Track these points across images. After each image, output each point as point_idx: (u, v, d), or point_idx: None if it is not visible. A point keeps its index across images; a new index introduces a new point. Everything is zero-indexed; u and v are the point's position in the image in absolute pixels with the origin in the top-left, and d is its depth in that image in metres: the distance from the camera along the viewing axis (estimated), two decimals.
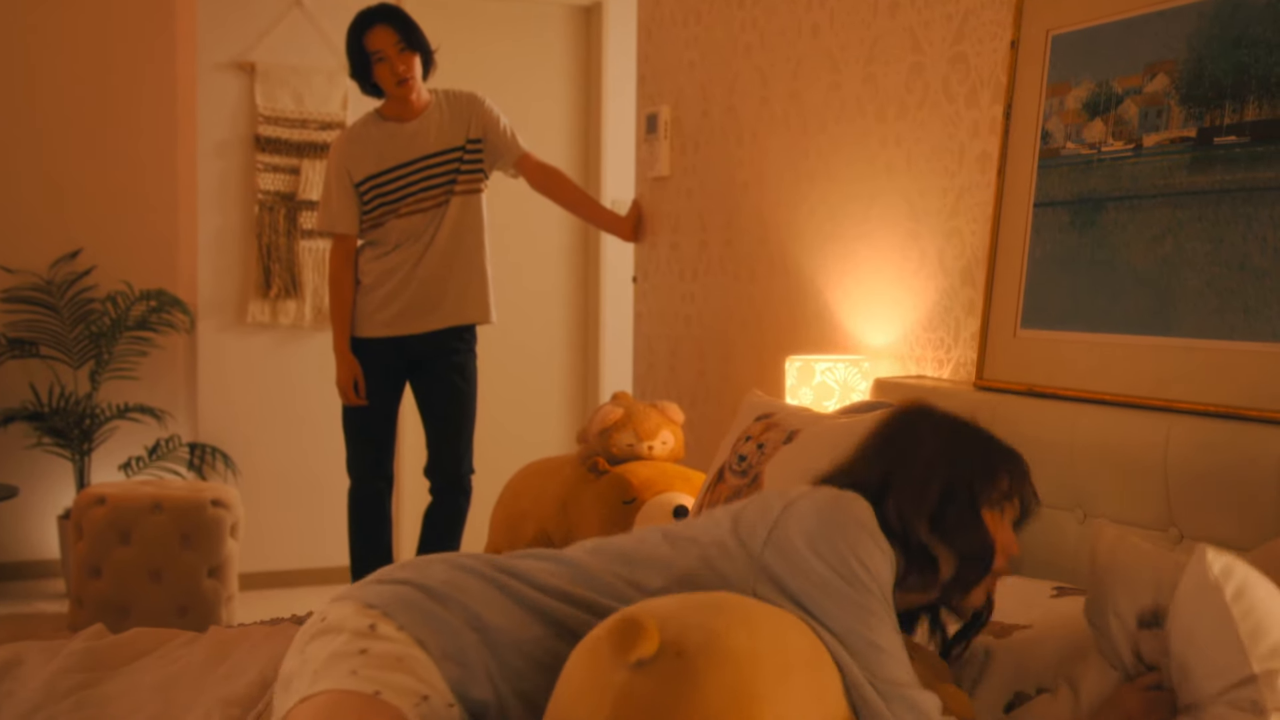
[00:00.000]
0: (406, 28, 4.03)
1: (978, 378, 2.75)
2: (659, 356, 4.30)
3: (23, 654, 2.20)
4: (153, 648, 2.22)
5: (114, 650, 2.19)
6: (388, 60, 3.99)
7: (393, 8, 4.07)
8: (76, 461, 5.35)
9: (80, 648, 2.18)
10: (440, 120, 4.11)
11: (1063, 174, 2.59)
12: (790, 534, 1.68)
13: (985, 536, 1.76)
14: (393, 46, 3.99)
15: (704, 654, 1.46)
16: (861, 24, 3.27)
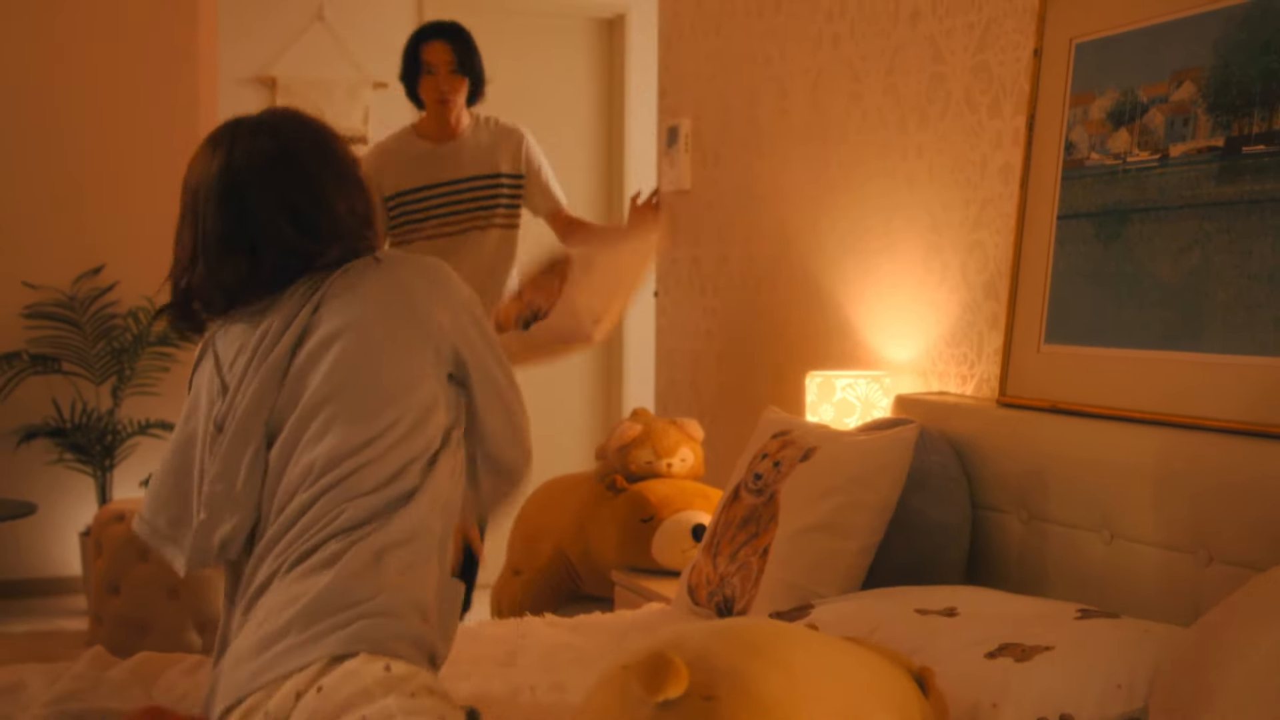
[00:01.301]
0: (465, 50, 4.05)
1: (1001, 394, 2.68)
2: (680, 372, 4.25)
3: (24, 677, 2.17)
4: (156, 674, 2.18)
5: (116, 676, 2.15)
6: (436, 75, 4.00)
7: (458, 28, 4.09)
8: (98, 478, 5.35)
9: (81, 673, 2.14)
10: (477, 145, 4.09)
11: (1087, 185, 2.53)
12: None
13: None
14: (445, 65, 4.00)
15: (733, 700, 1.40)
16: (882, 34, 3.22)
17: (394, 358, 1.90)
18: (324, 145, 2.03)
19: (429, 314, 1.95)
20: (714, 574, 2.60)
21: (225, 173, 1.98)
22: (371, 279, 1.95)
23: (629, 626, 2.64)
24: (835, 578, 2.42)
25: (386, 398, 1.88)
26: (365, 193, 2.05)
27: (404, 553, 1.82)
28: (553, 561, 3.51)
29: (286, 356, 1.91)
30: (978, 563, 2.60)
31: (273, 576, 1.82)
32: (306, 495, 1.85)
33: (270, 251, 1.95)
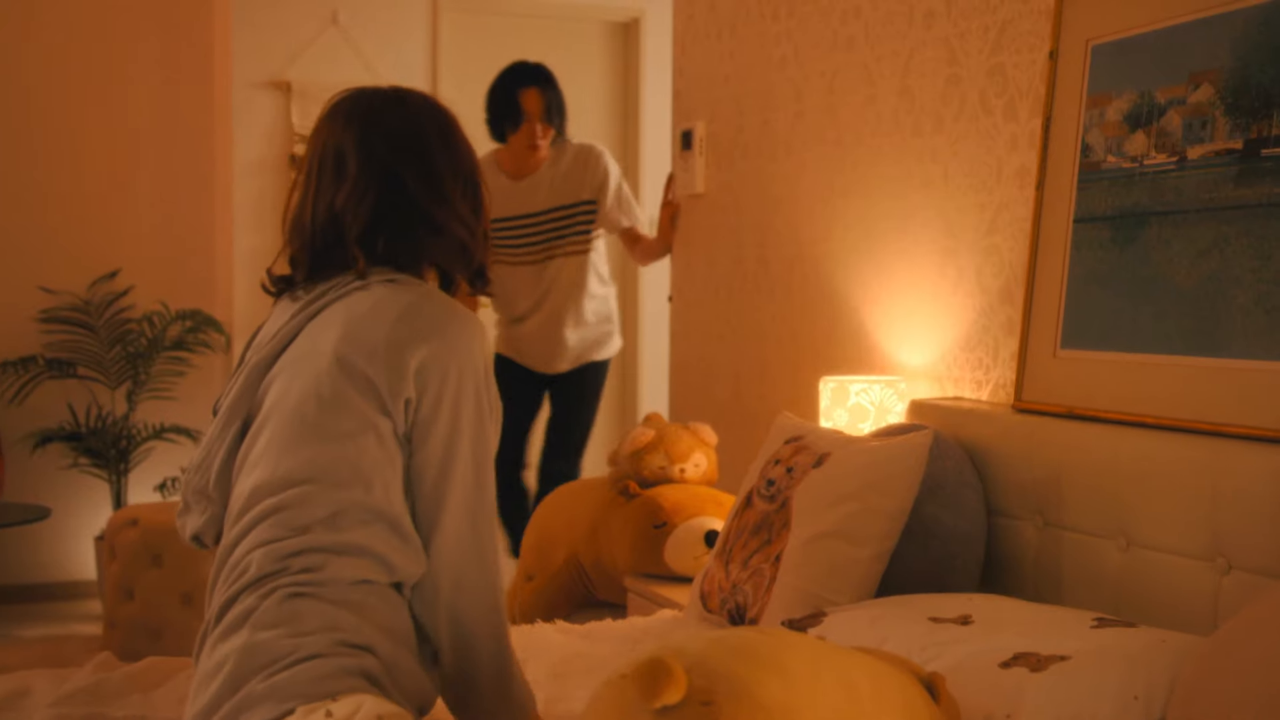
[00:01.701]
0: (555, 98, 4.35)
1: (1016, 399, 2.65)
2: (693, 377, 4.23)
3: (30, 683, 2.16)
4: (162, 680, 2.16)
5: (122, 682, 2.14)
6: (530, 122, 4.27)
7: (548, 74, 4.36)
8: (113, 482, 5.35)
9: (87, 679, 2.13)
10: (553, 178, 4.36)
11: (1104, 188, 2.50)
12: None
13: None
14: (539, 112, 4.28)
15: (731, 705, 1.39)
16: (897, 35, 3.19)
17: (336, 401, 1.76)
18: (446, 131, 1.94)
19: (397, 365, 1.76)
20: (726, 581, 2.57)
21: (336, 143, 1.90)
22: (366, 306, 1.81)
23: (641, 633, 2.62)
24: (848, 585, 2.39)
25: (316, 439, 1.76)
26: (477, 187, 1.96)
27: (324, 604, 1.71)
28: (565, 567, 3.48)
29: (270, 359, 1.88)
30: (993, 570, 2.57)
31: (211, 620, 1.77)
32: (235, 530, 1.80)
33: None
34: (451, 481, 1.78)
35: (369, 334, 1.78)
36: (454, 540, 1.78)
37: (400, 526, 1.76)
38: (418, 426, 1.77)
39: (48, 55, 5.46)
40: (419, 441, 1.78)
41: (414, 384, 1.76)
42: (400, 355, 1.76)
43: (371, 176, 1.86)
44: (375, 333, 1.77)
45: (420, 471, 1.78)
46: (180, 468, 5.42)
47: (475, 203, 1.94)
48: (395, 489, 1.77)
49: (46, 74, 5.46)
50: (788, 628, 2.30)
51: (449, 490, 1.78)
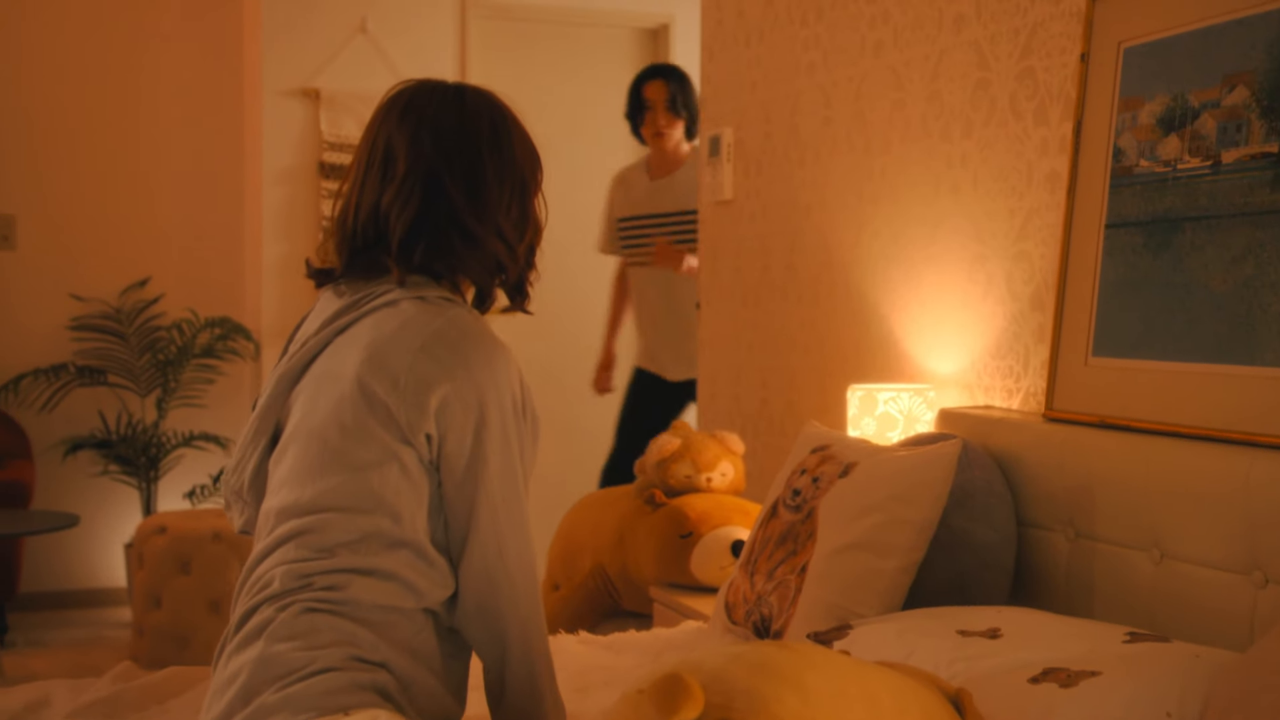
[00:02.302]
0: (680, 88, 4.54)
1: (1047, 408, 2.61)
2: (722, 385, 4.19)
3: (50, 693, 2.15)
4: (181, 691, 2.15)
5: (141, 692, 2.13)
6: (654, 111, 4.52)
7: (676, 69, 4.58)
8: (143, 490, 5.36)
9: (106, 689, 2.12)
10: (686, 181, 4.54)
11: (1136, 193, 2.45)
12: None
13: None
14: (662, 102, 4.50)
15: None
16: (926, 39, 3.15)
17: (358, 429, 1.73)
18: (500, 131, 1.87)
19: (418, 401, 1.72)
20: (751, 592, 2.54)
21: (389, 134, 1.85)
22: (392, 328, 1.77)
23: (664, 645, 2.59)
24: (875, 597, 2.35)
25: (340, 467, 1.74)
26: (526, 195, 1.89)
27: (342, 620, 1.69)
28: (591, 577, 3.46)
29: (299, 370, 1.85)
30: (1023, 582, 2.53)
31: (230, 630, 1.76)
32: (261, 546, 1.79)
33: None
34: (477, 515, 1.76)
35: (392, 361, 1.74)
36: (479, 568, 1.76)
37: (425, 552, 1.75)
38: (443, 460, 1.75)
39: (80, 65, 5.48)
40: (445, 475, 1.76)
41: (435, 421, 1.73)
42: (421, 391, 1.72)
43: (417, 179, 1.81)
44: (398, 361, 1.74)
45: (448, 502, 1.77)
46: (210, 475, 5.43)
47: (523, 214, 1.87)
48: (420, 516, 1.75)
49: (78, 83, 5.48)
50: (813, 640, 2.26)
51: (475, 523, 1.76)
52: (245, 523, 1.92)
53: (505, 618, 1.77)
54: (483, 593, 1.76)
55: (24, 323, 5.42)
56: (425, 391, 1.72)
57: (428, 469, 1.76)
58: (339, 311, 1.84)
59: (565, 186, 5.59)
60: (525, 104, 1.97)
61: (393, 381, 1.73)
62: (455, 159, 1.82)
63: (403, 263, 1.81)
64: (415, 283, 1.82)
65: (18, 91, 5.41)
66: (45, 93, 5.45)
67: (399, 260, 1.81)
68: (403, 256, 1.81)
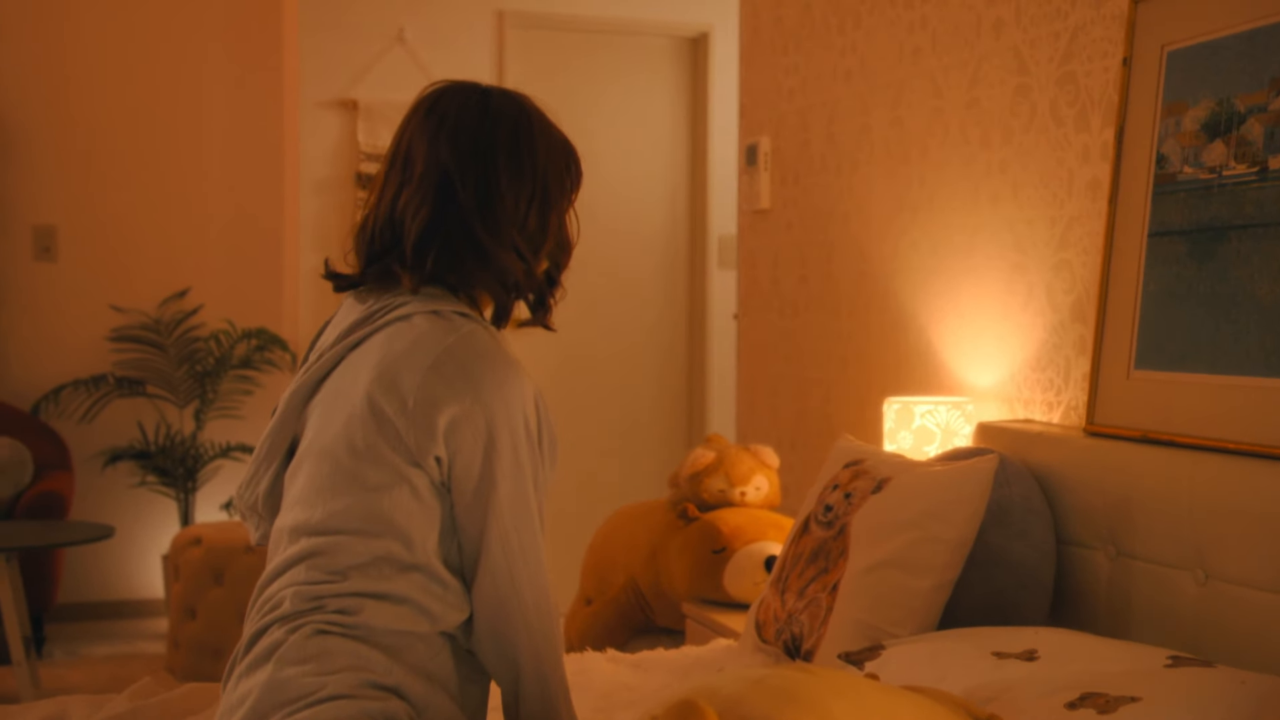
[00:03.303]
0: None
1: (1088, 422, 2.53)
2: (759, 396, 4.13)
3: (68, 709, 2.12)
4: (199, 708, 2.11)
5: (159, 709, 2.09)
6: None
7: None
8: (181, 501, 5.36)
9: (123, 706, 2.09)
10: None
11: (1180, 201, 2.38)
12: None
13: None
14: None
15: None
16: (965, 45, 3.09)
17: (368, 450, 1.69)
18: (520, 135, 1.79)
19: (426, 424, 1.67)
20: (781, 611, 2.48)
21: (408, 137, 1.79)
22: (403, 345, 1.70)
23: (693, 664, 2.53)
24: (908, 617, 2.29)
25: (350, 488, 1.70)
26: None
27: (355, 643, 1.66)
28: (624, 592, 3.40)
29: (313, 386, 1.80)
30: (1062, 602, 2.45)
31: (240, 650, 1.73)
32: (273, 565, 1.75)
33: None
34: (488, 538, 1.71)
35: (402, 381, 1.69)
36: (490, 593, 1.72)
37: (439, 576, 1.71)
38: (453, 483, 1.71)
39: (120, 79, 5.50)
40: (455, 498, 1.72)
41: (444, 443, 1.68)
42: (430, 413, 1.67)
43: (429, 187, 1.74)
44: (408, 381, 1.68)
45: (459, 526, 1.72)
46: None
47: (542, 227, 1.78)
48: (432, 539, 1.71)
49: (119, 96, 5.50)
50: (844, 661, 2.20)
51: (485, 548, 1.71)
52: (262, 536, 1.89)
53: (518, 641, 1.73)
54: (495, 617, 1.72)
55: (65, 334, 5.44)
56: (433, 413, 1.67)
57: (439, 491, 1.71)
58: (355, 324, 1.79)
59: (604, 197, 5.56)
60: (563, 115, 1.89)
61: (401, 403, 1.68)
62: (469, 164, 1.74)
63: (415, 270, 1.75)
64: (431, 294, 1.75)
65: (59, 104, 5.44)
66: (86, 105, 5.47)
67: (412, 268, 1.75)
68: (415, 264, 1.75)
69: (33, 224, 5.44)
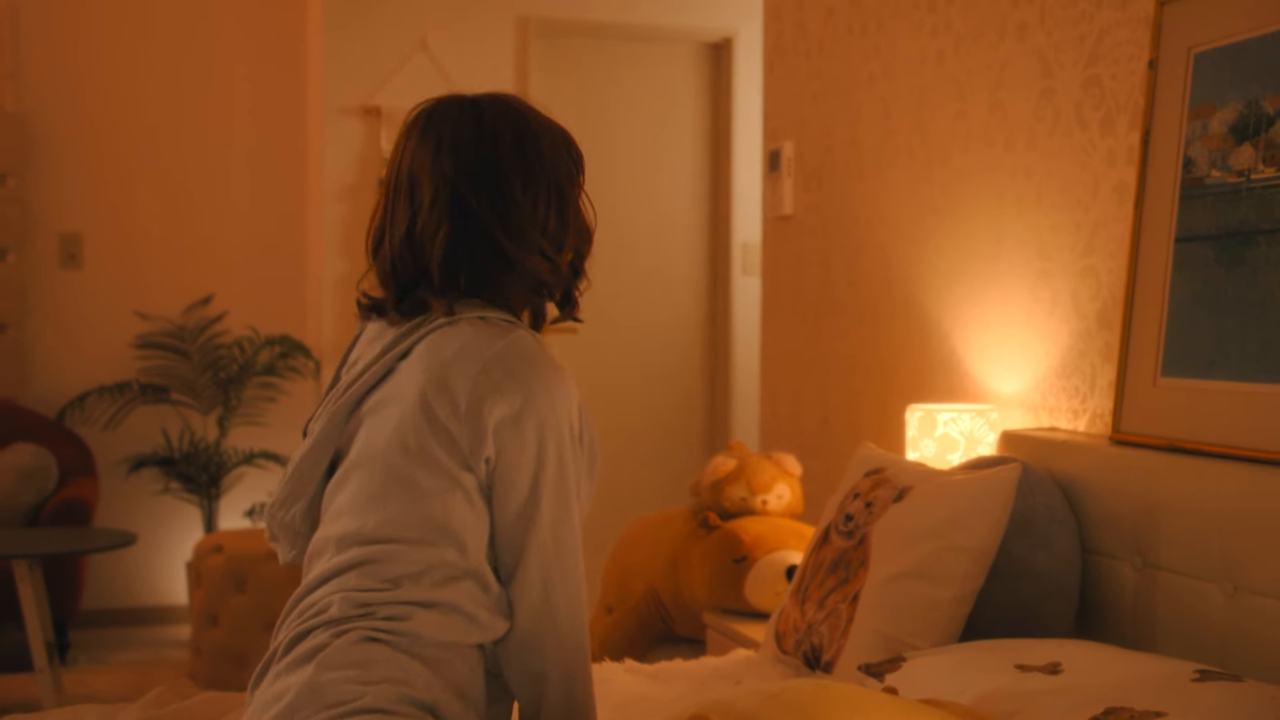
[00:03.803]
0: None
1: (1114, 430, 2.49)
2: (782, 404, 4.10)
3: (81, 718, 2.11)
4: (216, 716, 2.10)
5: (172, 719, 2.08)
6: None
7: None
8: (204, 507, 5.37)
9: (136, 716, 2.07)
10: None
11: (1207, 205, 2.34)
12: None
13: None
14: None
15: None
16: (988, 48, 3.05)
17: (422, 454, 1.69)
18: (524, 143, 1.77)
19: (478, 425, 1.67)
20: (801, 621, 2.44)
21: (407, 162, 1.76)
22: (452, 349, 1.70)
23: (711, 674, 2.50)
24: (929, 628, 2.25)
25: (404, 494, 1.69)
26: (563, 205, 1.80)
27: (399, 654, 1.64)
28: (644, 601, 3.38)
29: (359, 397, 1.78)
30: (1087, 613, 2.41)
31: (276, 651, 1.71)
32: (317, 573, 1.73)
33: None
34: (529, 546, 1.70)
35: (454, 384, 1.68)
36: (526, 605, 1.71)
37: (487, 582, 1.70)
38: (496, 484, 1.70)
39: (144, 87, 5.51)
40: (497, 501, 1.71)
41: (493, 444, 1.68)
42: (480, 414, 1.67)
43: (443, 206, 1.73)
44: (460, 384, 1.68)
45: (499, 535, 1.71)
46: (269, 494, 5.42)
47: (562, 224, 1.78)
48: (483, 544, 1.71)
49: (143, 104, 5.52)
50: (865, 673, 2.17)
51: (525, 554, 1.70)
52: (297, 555, 1.86)
53: (547, 652, 1.71)
54: (526, 630, 1.71)
55: (90, 341, 5.46)
56: (484, 415, 1.67)
57: (485, 495, 1.71)
58: (398, 337, 1.77)
59: (627, 204, 5.54)
60: (586, 121, 1.86)
61: (454, 405, 1.68)
62: (479, 179, 1.73)
63: (447, 292, 1.75)
64: (470, 304, 1.76)
65: (84, 113, 5.46)
66: (111, 113, 5.49)
67: (442, 290, 1.75)
68: (445, 286, 1.75)
69: (59, 232, 5.46)
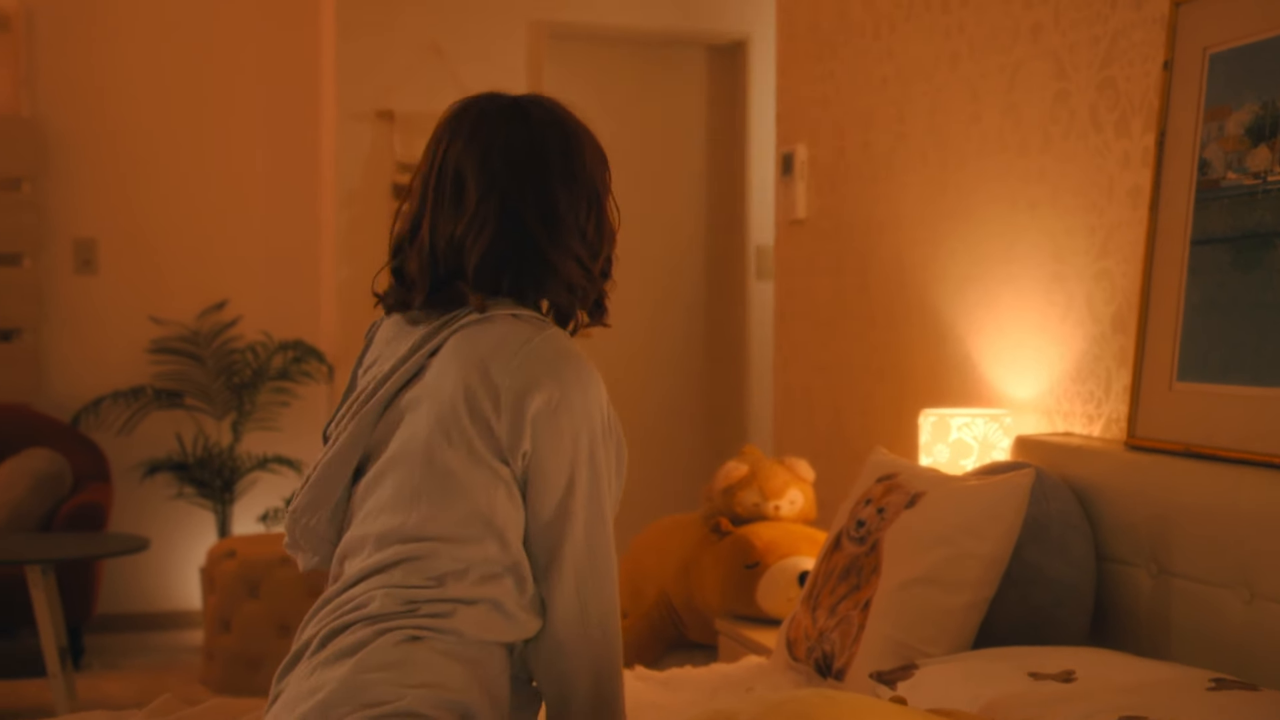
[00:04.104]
0: None
1: (1129, 436, 2.47)
2: (796, 408, 4.08)
3: None
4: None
5: None
6: None
7: None
8: (218, 512, 5.36)
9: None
10: None
11: (1223, 207, 2.31)
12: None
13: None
14: None
15: None
16: (1002, 50, 3.03)
17: (464, 449, 1.68)
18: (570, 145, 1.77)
19: (517, 419, 1.67)
20: (812, 628, 2.42)
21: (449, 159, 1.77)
22: (489, 344, 1.69)
23: (721, 682, 2.48)
24: (942, 635, 2.23)
25: (446, 489, 1.68)
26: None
27: (439, 656, 1.63)
28: (656, 607, 3.36)
29: (391, 396, 1.76)
30: (1102, 621, 2.39)
31: (307, 646, 1.70)
32: (355, 569, 1.72)
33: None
34: (563, 543, 1.70)
35: (494, 377, 1.68)
36: (559, 602, 1.70)
37: (525, 577, 1.70)
38: (531, 481, 1.70)
39: (159, 92, 5.52)
40: (531, 496, 1.70)
41: (530, 436, 1.68)
42: (520, 406, 1.67)
43: (491, 207, 1.73)
44: (500, 378, 1.68)
45: (531, 526, 1.71)
46: (283, 498, 5.42)
47: (597, 229, 1.79)
48: (520, 540, 1.71)
49: (158, 109, 5.52)
50: (876, 681, 2.14)
51: (559, 552, 1.70)
52: (321, 561, 1.84)
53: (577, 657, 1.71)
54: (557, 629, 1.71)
55: (105, 346, 5.46)
56: (523, 406, 1.68)
57: (522, 489, 1.71)
58: (428, 334, 1.76)
59: (642, 208, 5.53)
60: (599, 125, 1.87)
61: (494, 397, 1.68)
62: (528, 183, 1.74)
63: (482, 289, 1.74)
64: (502, 303, 1.75)
65: (99, 118, 5.46)
66: (126, 119, 5.49)
67: (477, 286, 1.74)
68: (480, 284, 1.75)
69: (74, 237, 5.46)
